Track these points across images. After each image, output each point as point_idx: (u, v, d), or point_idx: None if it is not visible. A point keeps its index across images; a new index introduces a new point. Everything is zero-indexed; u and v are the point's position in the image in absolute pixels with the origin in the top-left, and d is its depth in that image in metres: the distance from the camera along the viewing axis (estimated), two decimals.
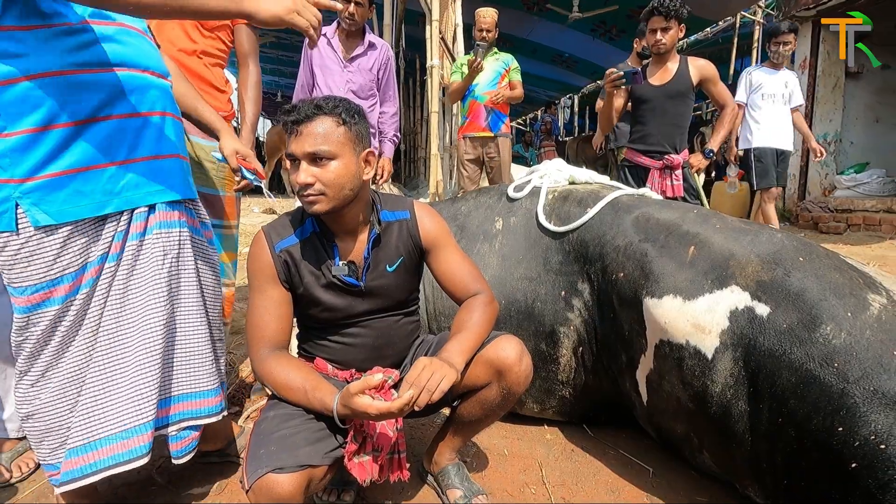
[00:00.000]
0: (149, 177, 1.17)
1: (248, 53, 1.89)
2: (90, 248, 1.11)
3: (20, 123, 1.02)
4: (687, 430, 1.35)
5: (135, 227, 1.16)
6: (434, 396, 0.99)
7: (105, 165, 1.10)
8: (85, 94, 1.06)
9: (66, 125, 1.05)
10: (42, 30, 1.01)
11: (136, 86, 1.13)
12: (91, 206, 1.09)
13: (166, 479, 1.43)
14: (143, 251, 1.17)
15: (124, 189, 1.13)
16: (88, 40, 1.06)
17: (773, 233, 1.31)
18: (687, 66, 2.60)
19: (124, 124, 1.12)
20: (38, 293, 1.07)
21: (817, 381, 1.02)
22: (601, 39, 7.95)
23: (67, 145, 1.06)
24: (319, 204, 1.11)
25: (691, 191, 2.67)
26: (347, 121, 1.12)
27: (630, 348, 1.44)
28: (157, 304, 1.16)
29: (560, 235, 1.66)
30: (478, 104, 3.43)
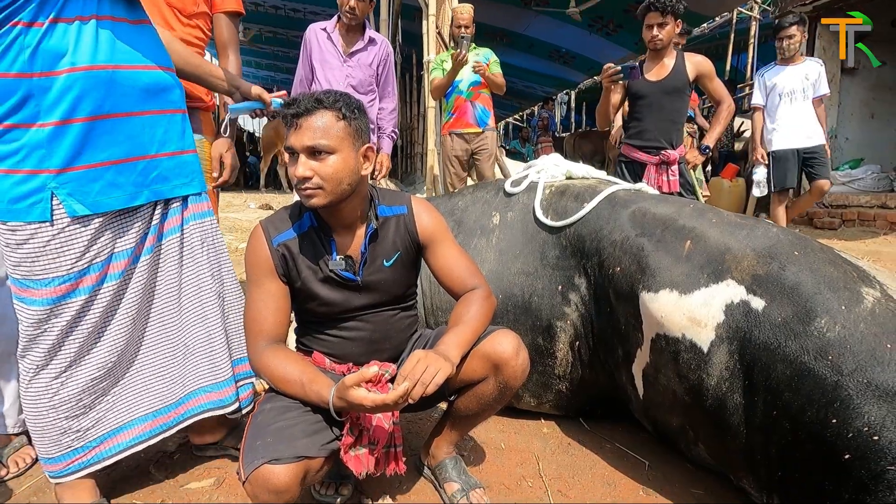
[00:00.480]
0: (176, 170, 1.25)
1: (228, 42, 1.86)
2: (118, 240, 1.16)
3: (55, 115, 1.04)
4: (682, 423, 1.36)
5: (172, 220, 1.25)
6: (428, 389, 1.00)
7: (138, 158, 1.17)
8: (120, 89, 1.11)
9: (103, 117, 1.09)
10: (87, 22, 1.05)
11: (165, 85, 1.21)
12: (123, 197, 1.14)
13: (165, 474, 1.43)
14: (185, 243, 1.28)
15: (154, 182, 1.20)
16: (129, 35, 1.11)
17: (769, 227, 1.32)
18: (684, 61, 2.60)
19: (155, 120, 1.19)
20: (64, 284, 1.08)
21: (812, 374, 1.03)
22: (598, 34, 7.94)
23: (103, 138, 1.10)
24: (317, 198, 1.11)
25: (687, 186, 2.68)
26: (347, 115, 1.12)
27: (626, 342, 1.45)
28: (209, 290, 1.30)
29: (557, 230, 1.66)
30: (463, 100, 3.41)
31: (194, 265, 1.30)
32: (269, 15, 8.93)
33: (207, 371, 1.32)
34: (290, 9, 8.70)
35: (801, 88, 3.59)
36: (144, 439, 1.24)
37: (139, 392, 1.23)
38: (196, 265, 1.30)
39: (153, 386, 1.25)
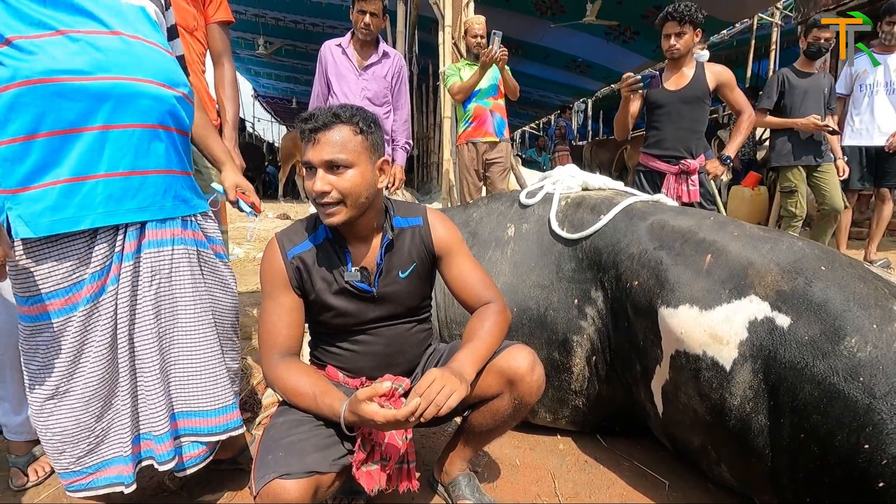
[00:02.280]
0: (132, 192, 1.12)
1: (223, 52, 1.90)
2: (84, 265, 1.09)
3: (5, 133, 1.01)
4: (704, 443, 1.32)
5: (128, 245, 1.13)
6: (442, 411, 0.99)
7: (83, 179, 1.06)
8: (66, 103, 1.02)
9: (47, 135, 1.02)
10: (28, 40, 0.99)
11: (121, 94, 1.07)
12: (67, 221, 1.05)
13: (178, 486, 1.43)
14: (138, 271, 1.16)
15: (103, 204, 1.08)
16: (74, 49, 1.02)
17: (794, 241, 1.27)
18: (703, 71, 2.56)
19: (105, 135, 1.07)
20: (35, 305, 1.08)
21: (841, 396, 0.99)
22: (615, 43, 7.89)
23: (49, 156, 1.03)
24: (338, 216, 1.11)
25: (708, 196, 2.62)
26: (364, 130, 1.12)
27: (645, 358, 1.41)
28: (147, 325, 1.16)
29: (573, 242, 1.63)
30: (482, 108, 3.40)
31: (141, 299, 1.16)
32: (289, 29, 9.11)
33: (146, 418, 1.19)
34: (310, 23, 8.86)
35: (887, 82, 3.36)
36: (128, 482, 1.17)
37: (114, 430, 1.17)
38: (143, 299, 1.16)
39: (120, 427, 1.17)
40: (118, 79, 1.07)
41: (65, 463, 1.13)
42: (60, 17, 1.03)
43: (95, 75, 1.04)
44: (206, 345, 1.24)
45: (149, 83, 1.12)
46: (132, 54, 1.10)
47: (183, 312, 1.21)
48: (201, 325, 1.23)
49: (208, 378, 1.24)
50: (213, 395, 1.24)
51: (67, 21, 1.03)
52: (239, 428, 1.29)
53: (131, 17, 1.14)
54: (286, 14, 8.50)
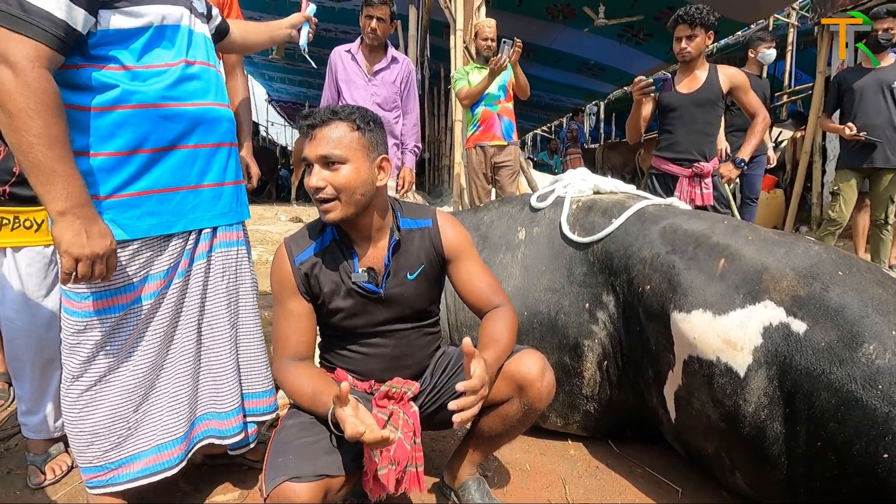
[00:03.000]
0: (213, 201, 1.28)
1: (236, 63, 1.94)
2: (153, 263, 1.19)
3: (108, 146, 1.11)
4: (718, 450, 1.30)
5: (201, 246, 1.27)
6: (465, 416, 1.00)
7: (176, 189, 1.20)
8: (169, 124, 1.16)
9: (149, 151, 1.15)
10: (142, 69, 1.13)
11: (210, 118, 1.24)
12: (160, 225, 1.18)
13: (192, 486, 1.45)
14: (210, 269, 1.29)
15: (190, 211, 1.23)
16: (179, 77, 1.18)
17: (810, 245, 1.25)
18: (716, 74, 2.54)
19: (197, 153, 1.23)
20: (101, 300, 1.13)
21: (860, 404, 0.97)
22: (628, 45, 7.83)
23: (147, 169, 1.16)
24: (333, 212, 1.12)
25: (721, 199, 2.59)
26: (361, 127, 1.13)
27: (657, 363, 1.40)
28: (220, 314, 1.30)
29: (584, 246, 1.62)
30: (490, 112, 3.40)
31: (213, 292, 1.30)
32: None
33: (211, 399, 1.31)
34: (322, 28, 8.94)
35: None
36: (150, 473, 1.21)
37: (152, 423, 1.22)
38: (215, 293, 1.30)
39: (164, 418, 1.23)
40: (206, 104, 1.24)
41: (90, 457, 1.16)
42: (166, 51, 1.17)
43: (192, 101, 1.20)
44: (258, 333, 1.41)
45: (223, 106, 1.30)
46: (211, 81, 1.26)
47: (244, 304, 1.37)
48: (255, 316, 1.40)
49: (262, 362, 1.40)
50: (265, 378, 1.40)
51: (168, 55, 1.17)
52: (277, 410, 1.45)
53: (203, 46, 1.27)
54: None
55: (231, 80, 1.95)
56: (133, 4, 1.09)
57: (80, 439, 1.16)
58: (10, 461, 1.56)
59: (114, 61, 1.09)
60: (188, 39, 1.20)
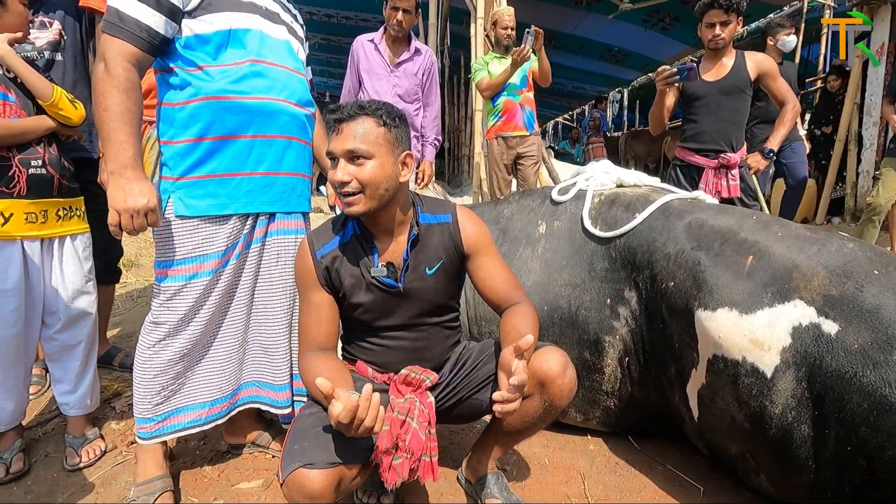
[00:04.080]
0: (267, 189, 1.37)
1: None
2: (212, 241, 1.32)
3: (184, 135, 1.29)
4: (742, 451, 1.27)
5: (258, 231, 1.39)
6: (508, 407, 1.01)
7: (233, 175, 1.32)
8: (229, 115, 1.29)
9: (212, 139, 1.29)
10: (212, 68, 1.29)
11: (269, 111, 1.34)
12: (216, 205, 1.31)
13: (217, 472, 1.50)
14: (264, 253, 1.41)
15: (244, 196, 1.34)
16: (244, 74, 1.30)
17: (844, 242, 1.20)
18: (744, 60, 2.44)
19: (253, 143, 1.33)
20: (165, 268, 1.31)
21: (894, 410, 0.93)
22: (654, 30, 7.60)
23: (210, 155, 1.30)
24: (357, 205, 1.13)
25: (749, 191, 2.51)
26: (388, 122, 1.13)
27: (680, 361, 1.37)
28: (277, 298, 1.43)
29: (606, 241, 1.60)
30: (512, 102, 3.34)
31: (268, 276, 1.42)
32: (323, 23, 9.21)
33: (267, 370, 1.46)
34: (343, 17, 8.94)
35: None
36: (199, 424, 1.39)
37: (202, 380, 1.39)
38: (269, 276, 1.42)
39: (214, 377, 1.40)
40: (267, 99, 1.34)
41: (143, 409, 1.34)
42: (237, 51, 1.31)
43: (251, 95, 1.31)
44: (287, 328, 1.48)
45: (287, 103, 1.38)
46: (278, 80, 1.36)
47: (293, 291, 1.45)
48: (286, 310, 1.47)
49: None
50: None
51: (241, 54, 1.31)
52: None
53: (280, 50, 1.40)
54: (320, 8, 8.59)
55: None
56: (208, 13, 1.28)
57: (138, 392, 1.34)
58: (47, 445, 1.63)
59: (192, 63, 1.28)
60: (259, 42, 1.34)
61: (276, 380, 1.45)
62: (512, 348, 1.02)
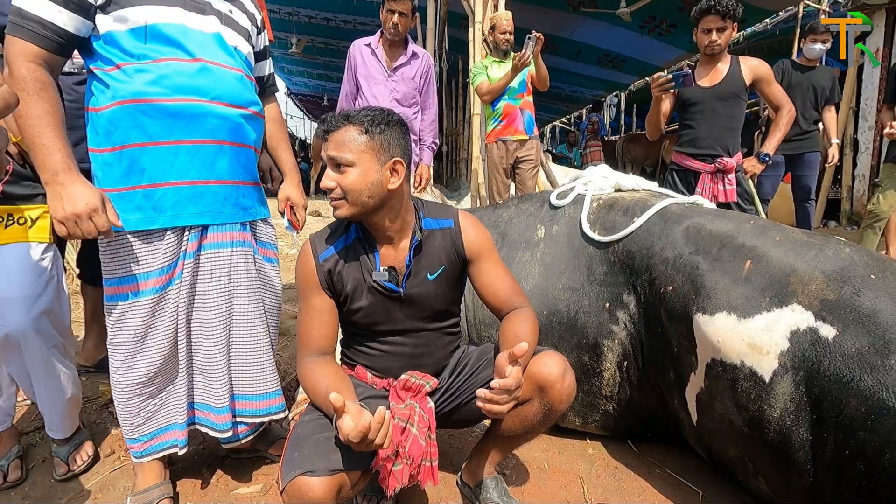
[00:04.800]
0: (195, 199, 1.27)
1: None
2: (149, 259, 1.25)
3: (107, 142, 1.21)
4: (741, 455, 1.28)
5: (190, 245, 1.29)
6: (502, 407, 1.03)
7: (157, 185, 1.23)
8: (149, 120, 1.21)
9: (133, 146, 1.21)
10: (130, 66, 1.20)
11: (193, 114, 1.24)
12: (144, 220, 1.23)
13: (216, 478, 1.49)
14: (198, 270, 1.32)
15: (171, 208, 1.25)
16: (160, 73, 1.21)
17: (841, 247, 1.21)
18: (739, 66, 2.46)
19: (177, 149, 1.24)
20: (110, 287, 1.26)
21: (891, 413, 0.94)
22: (650, 36, 7.65)
23: (133, 165, 1.22)
24: (341, 209, 1.16)
25: (745, 196, 2.52)
26: (370, 130, 1.14)
27: (679, 365, 1.38)
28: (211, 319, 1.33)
29: (605, 245, 1.61)
30: (513, 106, 3.36)
31: (203, 294, 1.32)
32: (321, 26, 9.24)
33: (206, 392, 1.38)
34: (341, 20, 8.97)
35: None
36: (182, 445, 1.36)
37: (177, 400, 1.37)
38: (204, 294, 1.32)
39: (175, 401, 1.37)
40: (191, 100, 1.24)
41: (127, 429, 1.33)
42: (155, 48, 1.21)
43: (173, 97, 1.22)
44: (259, 336, 1.41)
45: (217, 104, 1.28)
46: (207, 78, 1.26)
47: (238, 307, 1.37)
48: (254, 319, 1.40)
49: (260, 365, 1.41)
50: (261, 381, 1.41)
51: (161, 51, 1.21)
52: (281, 412, 1.45)
53: (208, 45, 1.29)
54: (318, 11, 8.63)
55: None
56: (121, 8, 1.18)
57: (120, 412, 1.33)
58: (45, 449, 1.62)
59: (109, 62, 1.19)
60: (182, 37, 1.23)
61: (215, 402, 1.36)
62: (507, 354, 1.03)
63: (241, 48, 1.37)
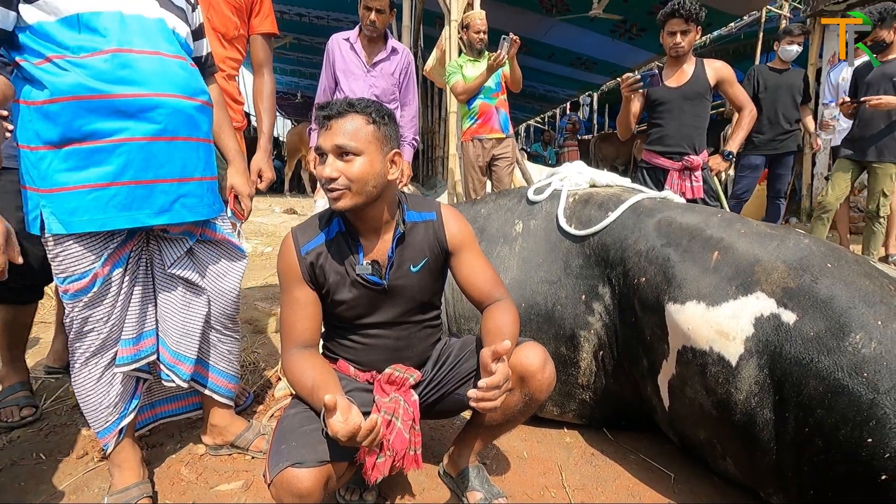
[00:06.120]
0: (146, 199, 1.20)
1: (264, 62, 1.96)
2: (96, 260, 1.21)
3: (42, 140, 1.13)
4: (710, 437, 1.34)
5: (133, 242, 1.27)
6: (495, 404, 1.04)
7: (103, 185, 1.16)
8: (91, 116, 1.12)
9: (74, 144, 1.13)
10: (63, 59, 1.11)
11: (139, 108, 1.16)
12: (92, 222, 1.16)
13: (195, 475, 1.47)
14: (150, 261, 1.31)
15: (120, 209, 1.18)
16: (99, 66, 1.12)
17: (800, 238, 1.29)
18: (703, 67, 2.57)
19: (123, 147, 1.16)
20: (62, 284, 1.22)
21: (846, 391, 1.01)
22: (621, 40, 7.83)
23: (75, 164, 1.14)
24: (343, 200, 1.13)
25: (711, 192, 2.63)
26: (377, 120, 1.15)
27: (652, 353, 1.43)
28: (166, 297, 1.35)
29: (581, 239, 1.65)
30: (489, 106, 3.40)
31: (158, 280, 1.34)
32: (294, 22, 9.10)
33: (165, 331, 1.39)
34: (315, 16, 8.86)
35: None
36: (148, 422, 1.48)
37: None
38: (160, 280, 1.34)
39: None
40: (139, 95, 1.16)
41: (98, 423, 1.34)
42: (91, 39, 1.13)
43: (116, 92, 1.13)
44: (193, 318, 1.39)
45: (166, 96, 1.20)
46: (152, 70, 1.18)
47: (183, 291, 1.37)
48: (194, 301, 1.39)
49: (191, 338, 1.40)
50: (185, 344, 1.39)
51: (97, 43, 1.13)
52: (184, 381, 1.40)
53: (152, 32, 1.21)
54: (291, 7, 8.49)
55: (256, 79, 1.98)
56: None
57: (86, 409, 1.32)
58: (12, 453, 1.57)
59: (39, 55, 1.11)
60: (120, 25, 1.15)
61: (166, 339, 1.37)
62: (490, 351, 1.05)
63: (178, 31, 1.29)
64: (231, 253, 1.46)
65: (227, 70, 1.85)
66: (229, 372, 1.52)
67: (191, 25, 1.37)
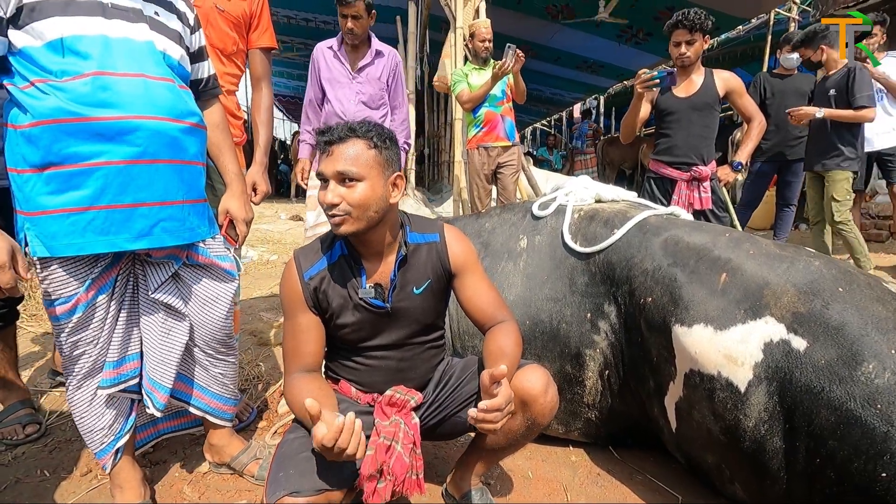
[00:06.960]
0: (126, 223, 1.18)
1: (262, 77, 1.97)
2: (80, 285, 1.20)
3: (26, 163, 1.13)
4: (717, 462, 1.31)
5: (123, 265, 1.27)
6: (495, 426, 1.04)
7: (84, 209, 1.14)
8: (71, 139, 1.11)
9: (56, 168, 1.12)
10: (46, 83, 1.11)
11: (119, 131, 1.15)
12: (74, 246, 1.15)
13: (197, 494, 1.47)
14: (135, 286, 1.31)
15: (100, 233, 1.16)
16: (81, 90, 1.12)
17: (811, 260, 1.26)
18: (713, 78, 2.55)
19: (104, 170, 1.14)
20: (48, 307, 1.22)
21: (859, 423, 0.98)
22: (627, 44, 7.80)
23: (57, 187, 1.13)
24: (345, 225, 1.12)
25: (720, 203, 2.60)
26: (378, 145, 1.14)
27: (658, 374, 1.41)
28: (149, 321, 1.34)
29: (586, 256, 1.63)
30: (494, 114, 3.39)
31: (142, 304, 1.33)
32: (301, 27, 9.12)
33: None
34: (321, 21, 8.88)
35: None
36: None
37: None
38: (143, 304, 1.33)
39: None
40: (118, 118, 1.14)
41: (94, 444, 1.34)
42: (74, 63, 1.12)
43: (95, 115, 1.12)
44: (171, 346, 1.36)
45: (146, 118, 1.18)
46: (132, 92, 1.16)
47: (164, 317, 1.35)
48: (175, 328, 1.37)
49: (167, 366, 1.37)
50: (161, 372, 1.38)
51: (80, 66, 1.12)
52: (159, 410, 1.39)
53: (139, 55, 1.19)
54: (298, 12, 8.53)
55: (254, 93, 1.98)
56: (34, 21, 1.10)
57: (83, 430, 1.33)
58: (17, 470, 1.58)
59: (24, 79, 1.12)
60: (103, 49, 1.14)
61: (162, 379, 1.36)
62: (489, 375, 1.04)
63: (170, 53, 1.27)
64: (219, 276, 1.40)
65: (227, 86, 1.85)
66: (223, 395, 1.50)
67: (190, 48, 1.36)
